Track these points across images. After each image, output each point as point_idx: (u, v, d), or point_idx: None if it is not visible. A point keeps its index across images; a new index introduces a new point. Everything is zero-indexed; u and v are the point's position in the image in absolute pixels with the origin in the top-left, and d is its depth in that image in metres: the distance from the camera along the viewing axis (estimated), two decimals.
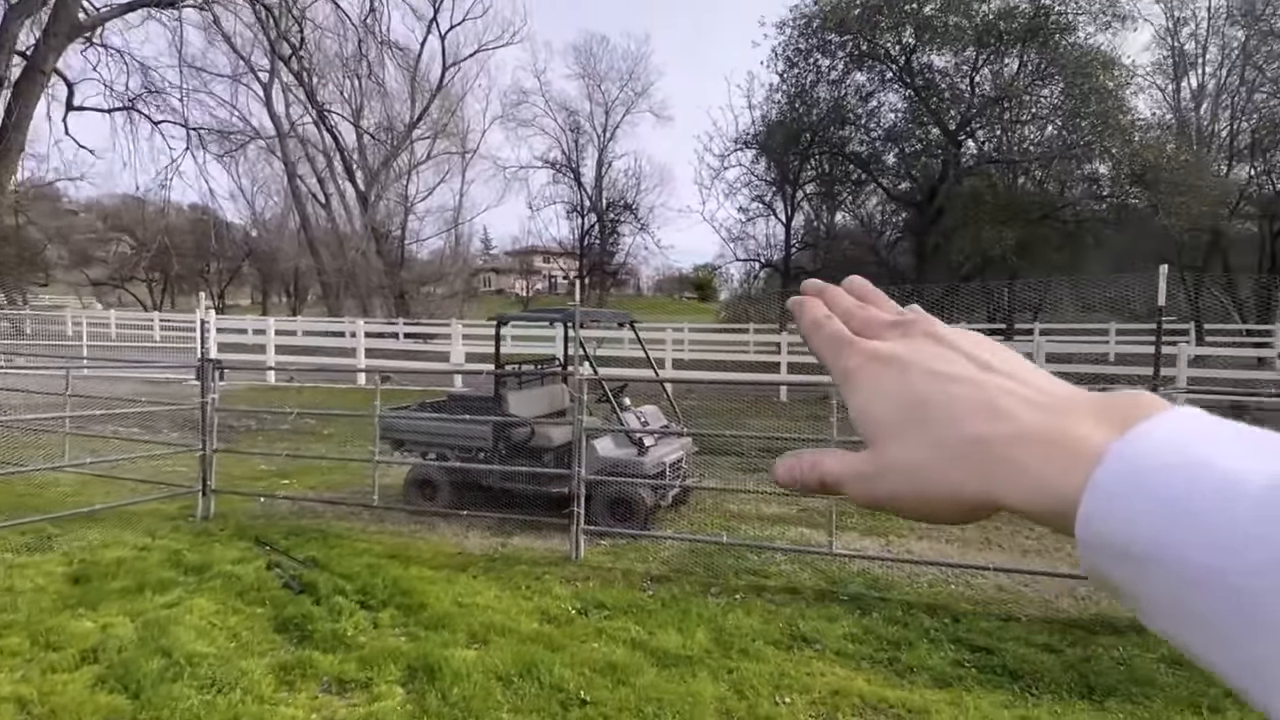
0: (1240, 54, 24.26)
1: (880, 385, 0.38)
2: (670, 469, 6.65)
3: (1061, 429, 0.31)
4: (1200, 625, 0.26)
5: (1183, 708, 3.66)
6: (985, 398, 0.34)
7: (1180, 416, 0.30)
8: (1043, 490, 0.31)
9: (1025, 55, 12.92)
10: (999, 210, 13.04)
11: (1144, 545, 0.27)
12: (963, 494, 0.34)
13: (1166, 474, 0.27)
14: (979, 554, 6.13)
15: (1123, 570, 0.28)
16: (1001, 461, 0.32)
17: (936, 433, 0.34)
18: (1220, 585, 0.25)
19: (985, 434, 0.33)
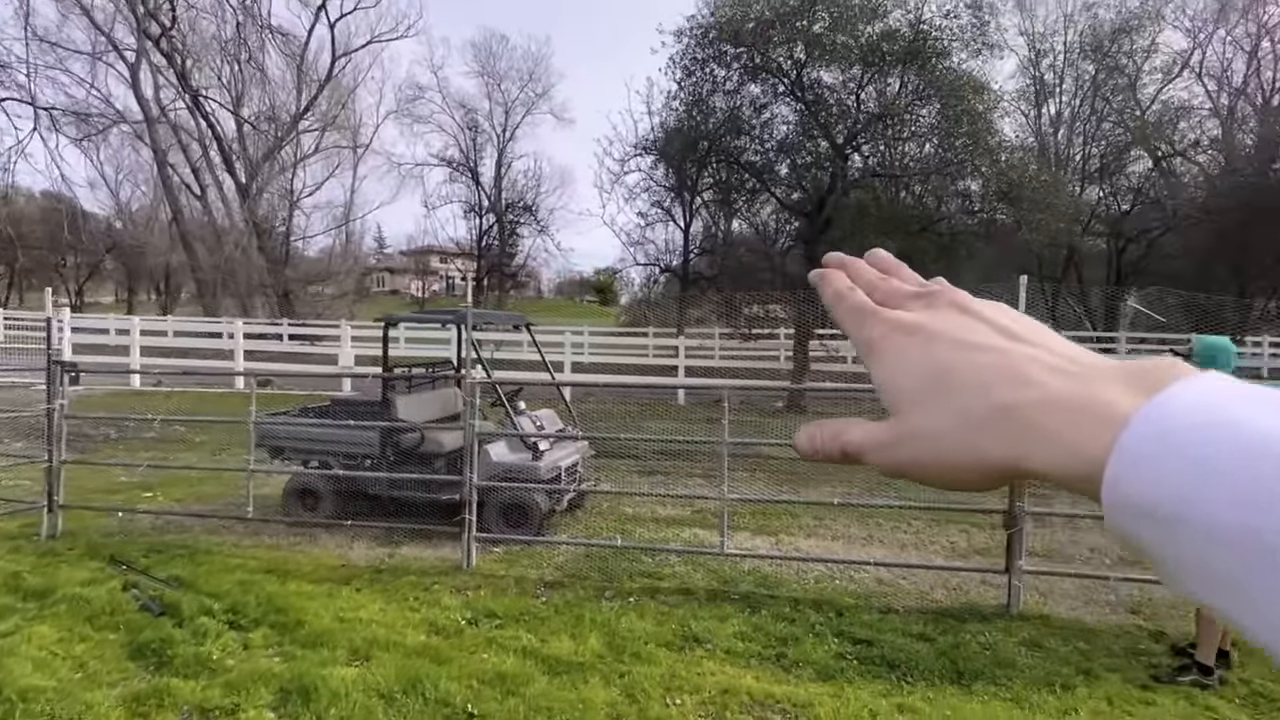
0: (1091, 86, 26.68)
1: (904, 355, 0.38)
2: (566, 473, 6.59)
3: (1089, 394, 0.31)
4: (1229, 585, 0.26)
5: (1039, 687, 3.94)
6: (1011, 365, 0.34)
7: (1207, 380, 0.30)
8: (1071, 454, 0.31)
9: (905, 76, 13.69)
10: (882, 222, 13.74)
11: (1171, 506, 0.27)
12: (989, 460, 0.33)
13: (1194, 434, 0.27)
14: (862, 549, 6.41)
15: (1150, 532, 0.28)
16: (1029, 427, 0.32)
17: (962, 401, 0.35)
18: (1252, 544, 0.25)
19: (1012, 401, 0.33)
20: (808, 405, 15.52)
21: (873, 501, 7.07)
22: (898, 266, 0.46)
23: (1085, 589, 5.44)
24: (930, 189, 15.44)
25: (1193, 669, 4.05)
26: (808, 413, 14.97)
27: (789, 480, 8.98)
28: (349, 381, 14.19)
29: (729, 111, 15.32)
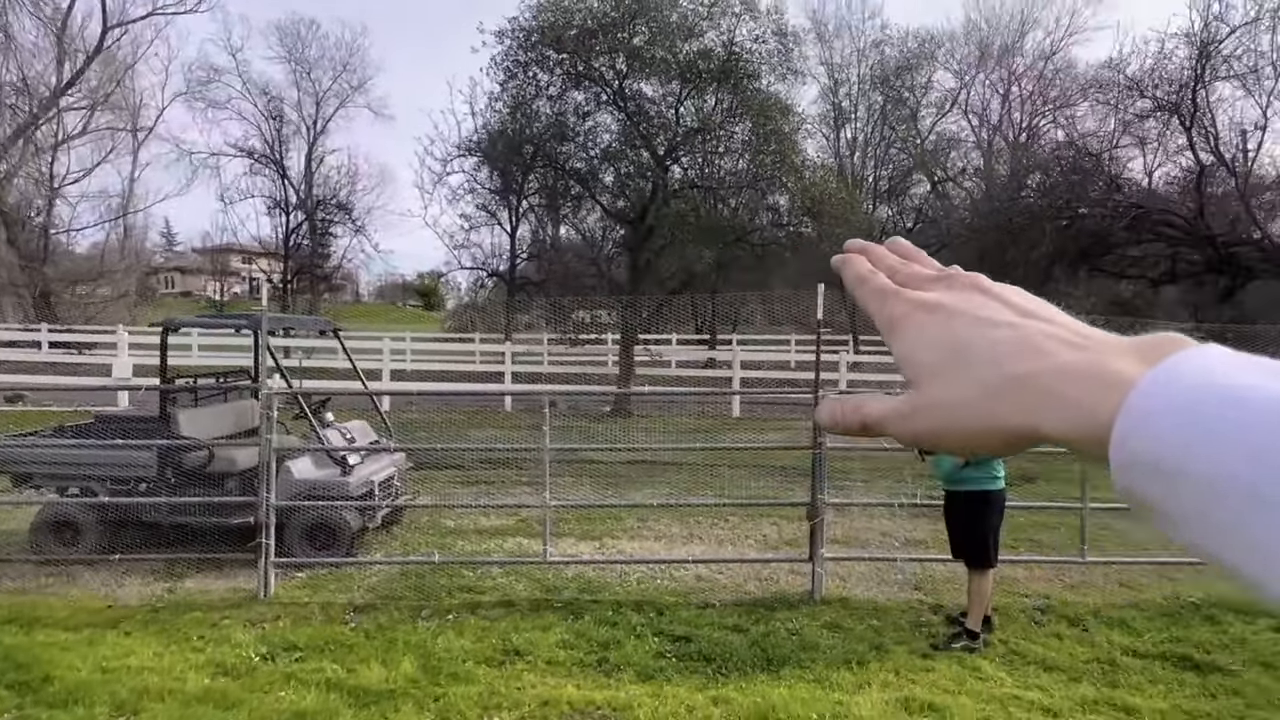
0: (880, 115, 29.67)
1: (925, 331, 0.39)
2: (380, 488, 6.20)
3: (1099, 363, 0.33)
4: (1227, 534, 0.27)
5: (838, 665, 4.24)
6: (1026, 338, 0.36)
7: (1210, 350, 0.31)
8: (1082, 418, 0.32)
9: (720, 94, 14.43)
10: (702, 232, 14.37)
11: (1174, 460, 0.28)
12: (1005, 426, 0.35)
13: (1195, 394, 0.29)
14: (683, 548, 6.60)
15: (1155, 487, 0.29)
16: (1043, 395, 0.34)
17: (979, 372, 0.36)
18: (1247, 494, 0.26)
19: (1027, 370, 0.35)
20: (634, 409, 15.86)
21: (692, 501, 7.32)
22: (916, 253, 0.47)
23: (878, 570, 5.96)
24: (744, 202, 16.37)
25: (963, 635, 4.55)
26: (633, 416, 15.29)
27: (613, 484, 9.08)
28: (125, 396, 12.50)
29: (554, 117, 15.32)
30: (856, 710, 3.68)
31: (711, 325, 27.95)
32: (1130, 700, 3.86)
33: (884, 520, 7.46)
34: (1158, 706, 3.80)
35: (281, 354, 16.79)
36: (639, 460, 10.40)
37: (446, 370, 18.70)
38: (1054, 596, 5.40)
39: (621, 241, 17.62)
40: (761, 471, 9.91)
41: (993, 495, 4.60)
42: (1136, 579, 5.86)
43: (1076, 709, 3.77)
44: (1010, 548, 6.29)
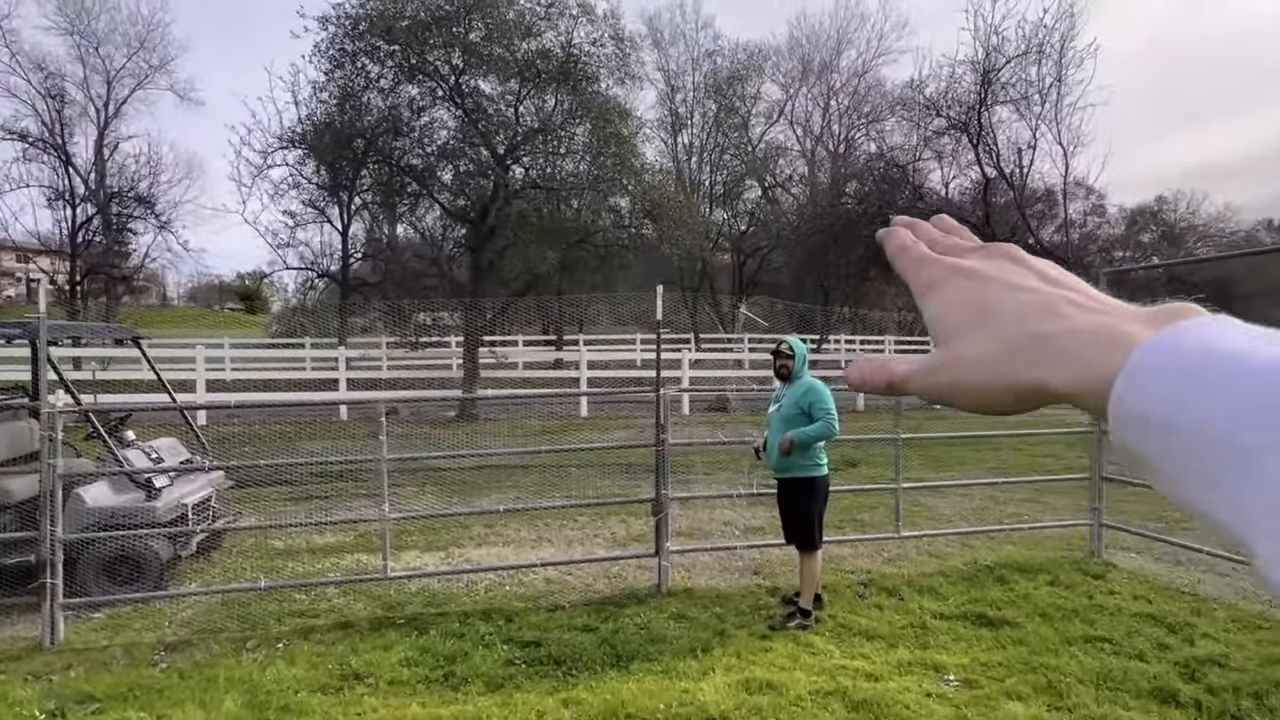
0: (714, 122, 31.00)
1: (958, 292, 0.42)
2: (194, 511, 5.64)
3: (1111, 325, 0.35)
4: (1209, 488, 0.29)
5: (684, 655, 4.38)
6: (1047, 302, 0.38)
7: (1213, 318, 0.33)
8: (1089, 374, 0.34)
9: (560, 95, 14.44)
10: (544, 232, 14.30)
11: (1165, 414, 0.30)
12: (1020, 381, 0.37)
13: (1188, 355, 0.31)
14: (532, 552, 6.54)
15: (1146, 441, 0.31)
16: (1057, 353, 0.36)
17: (1002, 330, 0.38)
18: (1228, 446, 0.28)
19: (1045, 330, 0.37)
20: (480, 413, 15.51)
21: (541, 504, 7.27)
22: (958, 228, 0.50)
23: (720, 559, 6.23)
24: (586, 203, 16.49)
25: (797, 615, 4.86)
26: (480, 420, 14.95)
27: (460, 491, 8.84)
28: None
29: (386, 111, 14.63)
30: (701, 696, 3.82)
31: (558, 326, 27.91)
32: (938, 658, 4.30)
33: (725, 510, 7.81)
34: (960, 661, 4.26)
35: (70, 366, 14.80)
36: (486, 465, 10.19)
37: (273, 379, 17.32)
38: (875, 571, 5.91)
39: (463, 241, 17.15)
40: (610, 470, 10.05)
41: (817, 481, 4.94)
42: (943, 549, 6.54)
43: (894, 671, 4.15)
44: (836, 529, 6.82)
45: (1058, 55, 15.97)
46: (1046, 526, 6.77)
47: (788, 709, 3.72)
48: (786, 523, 5.07)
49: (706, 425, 14.75)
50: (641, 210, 15.07)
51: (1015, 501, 8.19)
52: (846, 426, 5.11)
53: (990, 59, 15.78)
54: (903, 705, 3.73)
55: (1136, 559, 6.27)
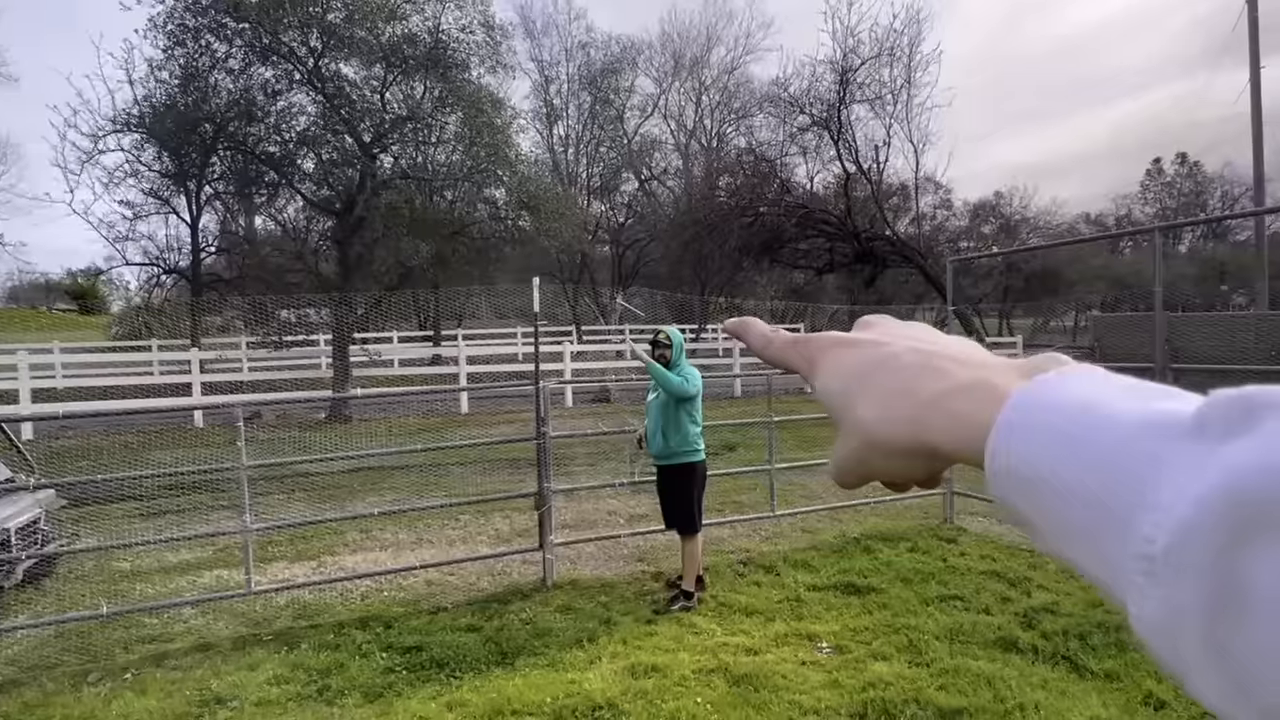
0: (590, 114, 30.98)
1: (837, 364, 0.43)
2: (17, 536, 5.05)
3: (985, 380, 0.36)
4: (1078, 539, 0.29)
5: (571, 646, 4.39)
6: (926, 362, 0.38)
7: (1077, 370, 0.33)
8: (969, 433, 0.34)
9: (429, 82, 13.94)
10: (417, 224, 13.79)
11: (1030, 469, 0.31)
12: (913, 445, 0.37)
13: (1054, 412, 0.31)
14: (411, 554, 6.33)
15: (1019, 496, 0.31)
16: (939, 412, 0.36)
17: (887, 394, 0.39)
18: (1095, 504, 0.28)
19: (927, 390, 0.37)
20: (352, 413, 14.81)
21: (419, 504, 7.04)
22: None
23: (605, 549, 6.27)
24: (461, 195, 16.05)
25: (680, 597, 4.98)
26: (353, 421, 14.28)
27: (332, 496, 8.42)
28: None
29: (238, 94, 13.60)
30: (588, 685, 3.85)
31: (435, 321, 27.08)
32: (812, 628, 4.53)
33: (610, 500, 7.88)
34: (832, 629, 4.52)
35: None
36: (361, 468, 9.76)
37: (115, 385, 15.78)
38: (753, 550, 6.14)
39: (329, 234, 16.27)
40: (493, 466, 9.88)
41: (696, 466, 5.08)
42: (815, 525, 6.89)
43: (772, 644, 4.33)
44: (716, 511, 7.03)
45: (907, 58, 17.15)
46: (906, 498, 7.27)
47: (672, 690, 3.81)
48: (667, 509, 5.17)
49: (590, 416, 14.80)
50: (518, 202, 14.84)
51: None
52: (724, 412, 5.27)
53: (847, 60, 16.72)
54: (780, 675, 3.91)
55: (983, 522, 6.86)
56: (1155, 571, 0.26)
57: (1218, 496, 0.25)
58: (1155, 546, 0.26)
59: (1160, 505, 0.26)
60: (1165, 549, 0.26)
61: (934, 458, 0.37)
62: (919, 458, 0.38)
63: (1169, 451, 0.27)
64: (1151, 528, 0.26)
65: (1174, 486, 0.26)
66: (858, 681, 3.82)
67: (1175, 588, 0.25)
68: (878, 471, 0.40)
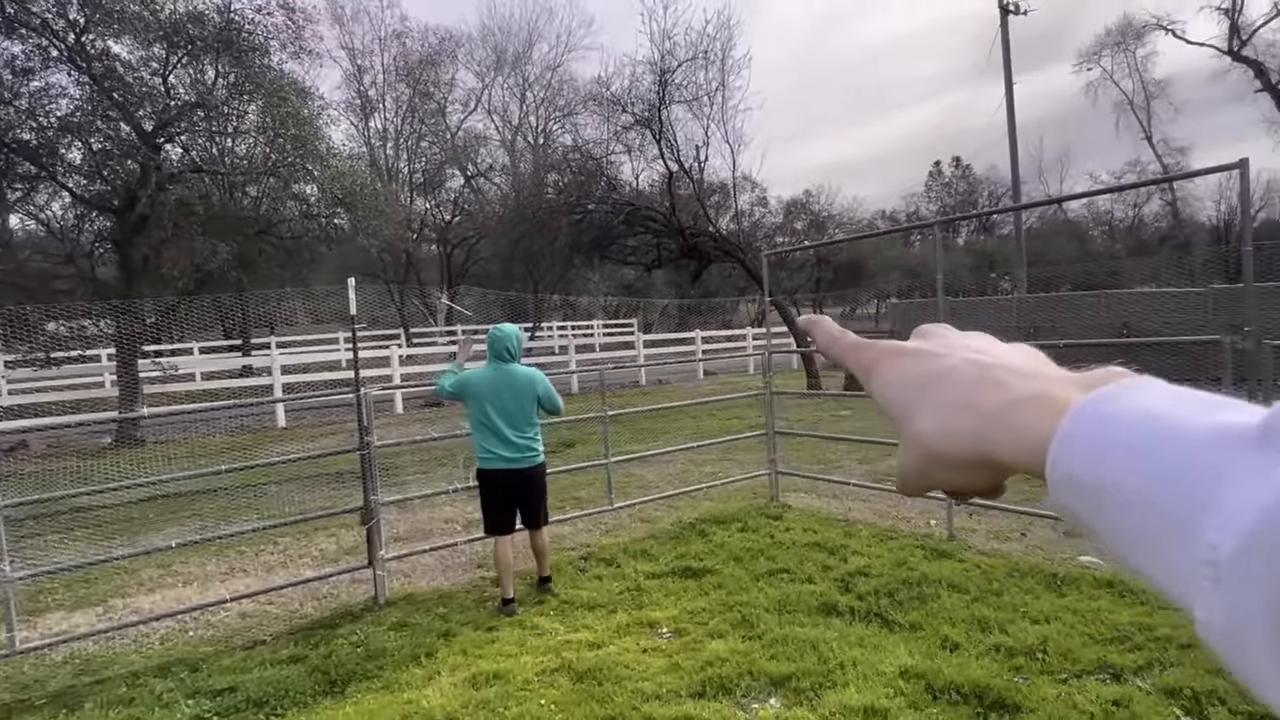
0: (409, 108, 29.67)
1: (896, 373, 0.43)
2: None
3: (1045, 392, 0.36)
4: (1142, 547, 0.30)
5: (407, 664, 4.18)
6: (985, 374, 0.39)
7: (1141, 382, 0.34)
8: (1029, 444, 0.35)
9: (221, 66, 12.65)
10: (214, 222, 12.47)
11: (1093, 478, 0.31)
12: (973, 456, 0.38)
13: (1116, 423, 0.31)
14: (221, 586, 5.75)
15: (1081, 504, 0.32)
16: (999, 425, 0.36)
17: (946, 406, 0.39)
18: (1159, 512, 0.29)
19: (986, 402, 0.38)
20: (146, 435, 13.19)
21: (229, 530, 6.40)
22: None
23: (442, 558, 6.05)
24: (266, 191, 14.76)
25: (549, 583, 4.98)
26: (147, 444, 12.72)
27: (124, 530, 7.46)
28: None
29: None
30: (426, 703, 3.68)
31: (244, 329, 24.76)
32: (652, 615, 4.64)
33: (446, 508, 7.60)
34: (671, 614, 4.64)
35: None
36: (158, 496, 8.73)
37: None
38: (594, 544, 6.18)
39: (106, 235, 14.33)
40: (316, 482, 9.21)
41: (543, 465, 5.08)
42: (652, 514, 7.06)
43: (614, 636, 4.38)
44: (556, 508, 6.99)
45: (720, 62, 17.98)
46: (735, 480, 7.66)
47: (515, 695, 3.74)
48: (528, 508, 5.08)
49: (422, 422, 14.21)
50: (332, 198, 13.88)
51: (711, 462, 9.13)
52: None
53: (665, 61, 17.25)
54: (623, 666, 3.96)
55: (805, 498, 7.37)
56: (1221, 578, 0.26)
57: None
58: (1220, 553, 0.26)
59: (1225, 512, 0.27)
60: (1231, 555, 0.26)
61: (995, 469, 0.38)
62: (980, 469, 0.38)
63: (1234, 462, 0.28)
64: (1216, 534, 0.27)
65: (1239, 495, 0.27)
66: (696, 662, 3.95)
67: (1241, 595, 0.26)
68: (939, 481, 0.41)
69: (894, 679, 3.61)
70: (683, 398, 9.09)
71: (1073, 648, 3.82)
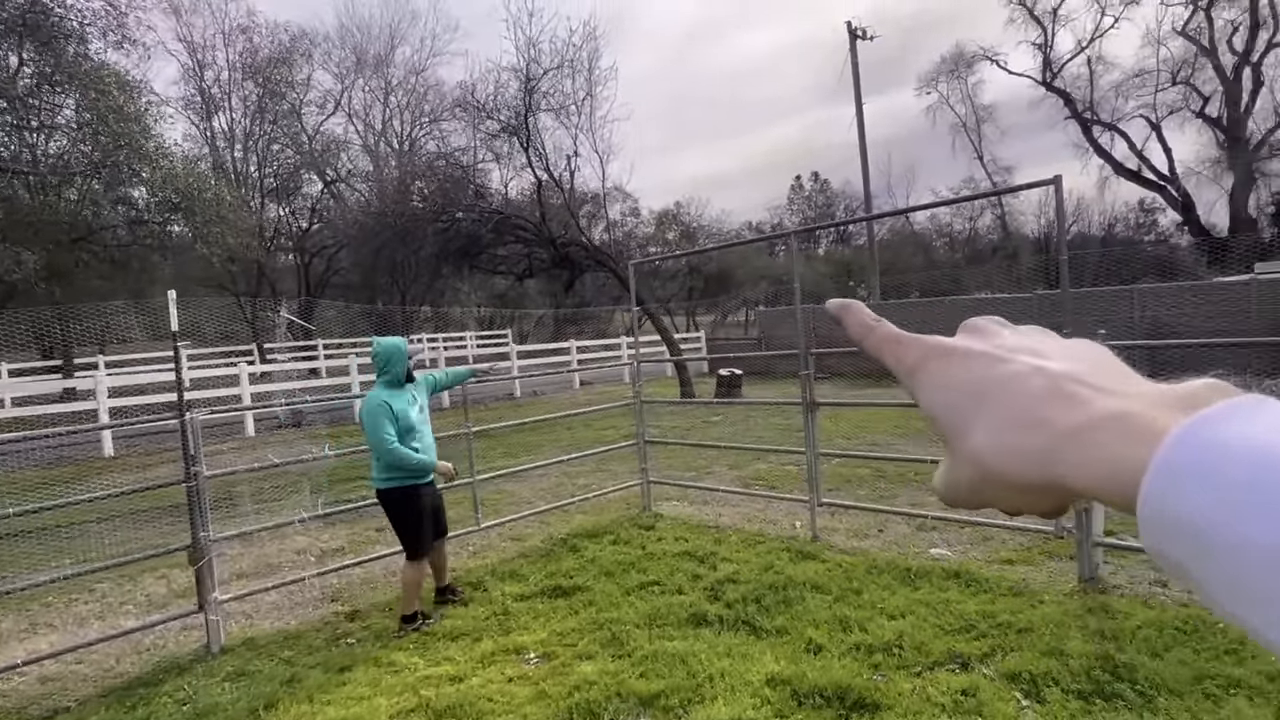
0: (258, 108, 27.72)
1: (946, 376, 0.37)
2: None
3: (1132, 413, 0.31)
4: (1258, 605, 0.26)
5: (243, 718, 3.76)
6: (1055, 386, 0.34)
7: (1246, 401, 0.29)
8: (1112, 472, 0.30)
9: (26, 53, 11.23)
10: (18, 228, 11.02)
11: (1200, 521, 0.27)
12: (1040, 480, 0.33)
13: (1224, 451, 0.27)
14: (19, 646, 4.99)
15: (1180, 549, 0.28)
16: (1076, 447, 0.32)
17: (1006, 421, 0.34)
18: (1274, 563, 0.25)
19: (1060, 421, 0.32)
20: None
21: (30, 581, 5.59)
22: None
23: (290, 595, 5.55)
24: (87, 194, 13.25)
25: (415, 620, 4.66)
26: None
27: None
28: None
29: None
30: None
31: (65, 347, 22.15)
32: (520, 640, 4.43)
33: (299, 538, 7.03)
34: (539, 637, 4.46)
35: None
36: None
37: None
38: (458, 568, 5.88)
39: None
40: (149, 517, 8.29)
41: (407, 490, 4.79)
42: (524, 531, 6.83)
43: (478, 667, 4.14)
44: None
45: (588, 72, 17.98)
46: (608, 491, 7.57)
47: None
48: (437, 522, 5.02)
49: (277, 445, 13.19)
50: (165, 203, 12.64)
51: (585, 474, 9.00)
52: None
53: (531, 69, 17.04)
54: (486, 699, 3.74)
55: (677, 505, 7.39)
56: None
57: None
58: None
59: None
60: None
61: (1062, 494, 0.34)
62: (1046, 494, 0.34)
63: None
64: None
65: None
66: (564, 687, 3.79)
67: None
68: (993, 501, 0.36)
69: (761, 688, 3.61)
70: (557, 409, 8.90)
71: (925, 640, 3.97)
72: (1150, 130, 31.19)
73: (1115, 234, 36.19)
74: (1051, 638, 3.86)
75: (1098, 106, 31.97)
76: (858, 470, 8.14)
